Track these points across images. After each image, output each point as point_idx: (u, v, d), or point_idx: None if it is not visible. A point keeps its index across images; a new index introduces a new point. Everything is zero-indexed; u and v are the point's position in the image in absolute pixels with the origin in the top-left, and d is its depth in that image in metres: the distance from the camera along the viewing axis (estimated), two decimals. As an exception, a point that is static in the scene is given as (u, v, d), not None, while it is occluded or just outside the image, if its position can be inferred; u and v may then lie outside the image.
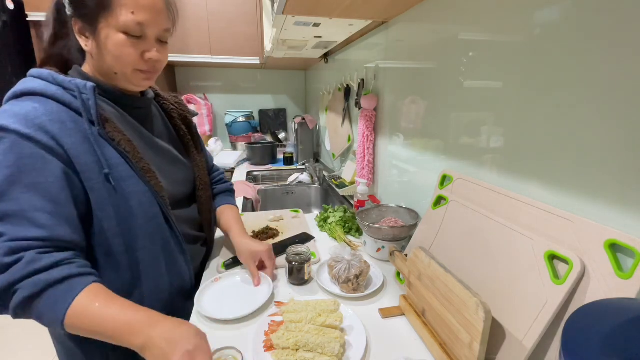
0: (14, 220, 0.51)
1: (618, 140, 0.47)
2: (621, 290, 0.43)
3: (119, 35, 0.59)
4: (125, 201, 0.61)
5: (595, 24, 0.49)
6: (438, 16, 0.89)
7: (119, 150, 0.61)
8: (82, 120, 0.58)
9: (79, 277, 0.53)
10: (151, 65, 0.64)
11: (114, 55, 0.60)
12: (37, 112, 0.55)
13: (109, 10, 0.57)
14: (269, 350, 0.60)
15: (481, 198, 0.71)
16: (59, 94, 0.58)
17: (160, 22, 0.62)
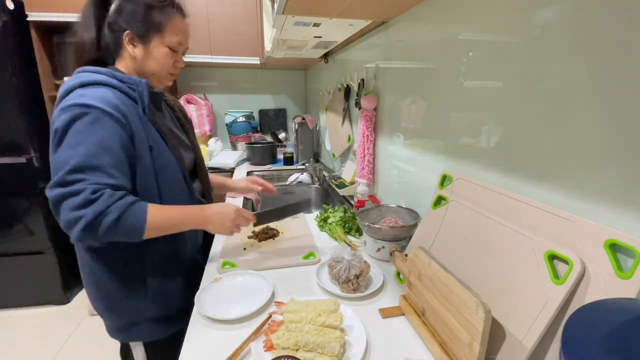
0: (95, 171, 0.69)
1: (618, 140, 0.47)
2: (621, 290, 0.43)
3: (165, 49, 0.83)
4: (160, 167, 0.81)
5: (595, 24, 0.49)
6: (438, 16, 0.89)
7: (160, 131, 0.82)
8: (137, 106, 0.78)
9: (141, 201, 0.75)
10: (177, 70, 0.89)
11: (158, 62, 0.83)
12: (111, 97, 0.73)
13: (162, 32, 0.81)
14: (269, 350, 0.60)
15: (481, 198, 0.71)
16: (120, 85, 0.77)
17: (187, 43, 0.89)
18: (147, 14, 0.79)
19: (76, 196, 0.66)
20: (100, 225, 0.67)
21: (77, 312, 2.06)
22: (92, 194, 0.67)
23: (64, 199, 0.67)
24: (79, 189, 0.67)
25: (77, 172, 0.68)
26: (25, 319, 2.01)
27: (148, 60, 0.83)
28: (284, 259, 0.96)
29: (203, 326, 0.69)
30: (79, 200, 0.66)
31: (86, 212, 0.66)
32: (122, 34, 0.79)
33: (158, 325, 0.88)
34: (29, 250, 1.99)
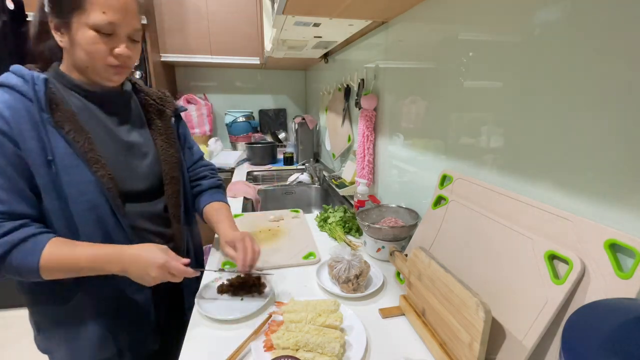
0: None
1: (618, 140, 0.47)
2: (621, 290, 0.43)
3: (90, 32, 0.63)
4: (67, 187, 0.64)
5: (595, 24, 0.49)
6: (438, 16, 0.89)
7: (67, 138, 0.64)
8: (32, 108, 0.62)
9: (40, 235, 0.62)
10: (122, 60, 0.68)
11: (85, 50, 0.65)
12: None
13: (82, 9, 0.62)
14: (269, 350, 0.60)
15: (481, 198, 0.71)
16: (19, 84, 0.63)
17: (131, 22, 0.67)
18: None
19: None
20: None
21: (77, 312, 2.06)
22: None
23: None
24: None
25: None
26: (25, 319, 2.00)
27: (75, 49, 0.65)
28: (284, 259, 0.96)
29: (203, 326, 0.69)
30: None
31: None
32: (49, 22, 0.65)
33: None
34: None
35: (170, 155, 0.83)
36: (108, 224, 0.69)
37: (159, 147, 0.82)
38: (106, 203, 0.68)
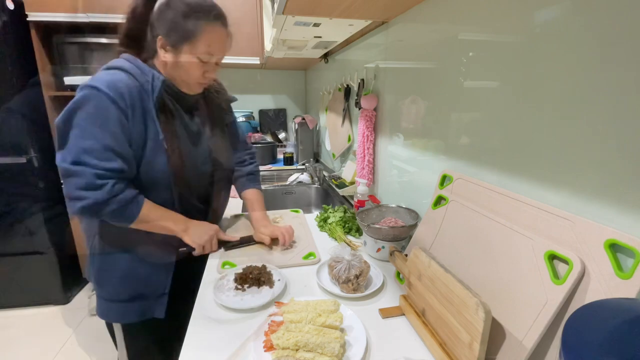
0: (98, 154, 0.73)
1: (618, 140, 0.47)
2: (621, 290, 0.43)
3: (194, 59, 0.81)
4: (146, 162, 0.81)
5: (595, 24, 0.49)
6: (438, 16, 0.89)
7: (159, 128, 0.81)
8: (146, 97, 0.79)
9: (139, 196, 0.81)
10: (207, 80, 0.87)
11: (186, 70, 0.83)
12: (121, 82, 0.76)
13: (193, 41, 0.79)
14: (269, 350, 0.60)
15: (481, 198, 0.71)
16: (138, 73, 0.79)
17: (222, 53, 0.86)
18: (180, 22, 0.78)
19: (81, 177, 0.72)
20: (99, 212, 0.75)
21: (77, 312, 2.06)
22: (97, 180, 0.73)
23: (71, 175, 0.73)
24: (84, 171, 0.72)
25: (85, 153, 0.73)
26: (25, 319, 2.01)
27: (177, 67, 0.83)
28: (284, 259, 0.96)
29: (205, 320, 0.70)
30: (81, 182, 0.72)
31: (88, 195, 0.72)
32: (157, 37, 0.80)
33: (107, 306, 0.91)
34: (29, 250, 1.99)
35: (221, 145, 1.01)
36: (165, 195, 0.86)
37: (214, 137, 0.99)
38: (168, 181, 0.85)
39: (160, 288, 0.92)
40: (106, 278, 0.89)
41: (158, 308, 0.92)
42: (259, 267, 0.87)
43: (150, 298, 0.92)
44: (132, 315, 0.91)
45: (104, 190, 0.73)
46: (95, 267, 0.89)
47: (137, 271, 0.89)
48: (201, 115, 0.97)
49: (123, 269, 0.88)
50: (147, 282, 0.91)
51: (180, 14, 0.77)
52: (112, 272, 0.88)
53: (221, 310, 0.74)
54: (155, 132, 0.81)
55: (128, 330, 0.94)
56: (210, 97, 0.99)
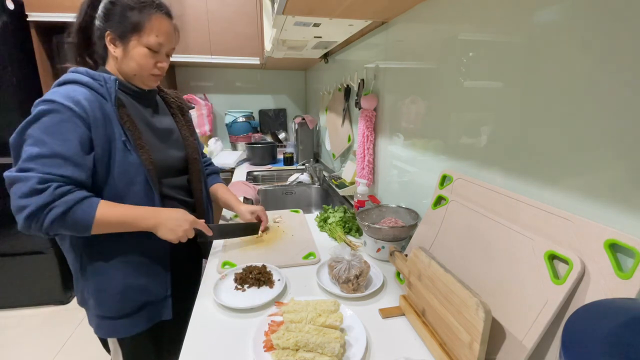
0: (45, 160, 0.70)
1: (618, 140, 0.47)
2: (621, 290, 0.43)
3: (143, 49, 0.83)
4: (118, 165, 0.79)
5: (595, 24, 0.49)
6: (438, 16, 0.89)
7: (124, 128, 0.80)
8: (104, 102, 0.79)
9: (93, 197, 0.75)
10: (161, 71, 0.88)
11: (137, 62, 0.83)
12: (75, 92, 0.75)
13: (140, 32, 0.81)
14: (269, 350, 0.60)
15: (481, 198, 0.71)
16: (90, 82, 0.78)
17: (171, 43, 0.88)
18: (126, 14, 0.80)
19: (24, 183, 0.68)
20: (45, 217, 0.69)
21: (77, 312, 2.06)
22: (39, 184, 0.68)
23: (13, 183, 0.69)
24: (27, 176, 0.68)
25: (30, 160, 0.69)
26: (25, 319, 2.01)
27: (127, 60, 0.83)
28: (284, 259, 0.96)
29: (205, 320, 0.70)
30: (24, 188, 0.68)
31: (30, 202, 0.68)
32: (105, 34, 0.81)
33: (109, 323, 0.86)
34: (29, 250, 1.99)
35: (191, 142, 1.03)
36: (146, 194, 0.84)
37: (183, 134, 1.02)
38: (145, 180, 0.83)
39: (162, 291, 0.90)
40: (105, 297, 0.84)
41: (165, 311, 0.91)
42: (259, 267, 0.87)
43: (154, 303, 0.89)
44: (141, 325, 0.88)
45: (47, 193, 0.68)
46: (90, 289, 0.84)
47: (136, 281, 0.85)
48: (164, 113, 1.00)
49: (122, 284, 0.84)
50: (148, 290, 0.88)
51: (126, 7, 0.80)
52: (110, 289, 0.83)
53: (221, 310, 0.74)
54: (120, 133, 0.79)
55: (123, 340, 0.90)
56: (169, 99, 1.04)
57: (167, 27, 0.85)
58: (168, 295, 0.91)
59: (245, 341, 0.64)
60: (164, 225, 0.82)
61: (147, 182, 0.84)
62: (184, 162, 1.00)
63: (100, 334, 0.88)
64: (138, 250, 0.84)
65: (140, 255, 0.85)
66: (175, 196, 0.96)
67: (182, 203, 0.98)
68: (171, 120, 1.01)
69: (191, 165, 1.01)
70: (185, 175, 1.01)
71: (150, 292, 0.88)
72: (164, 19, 0.84)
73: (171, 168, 0.95)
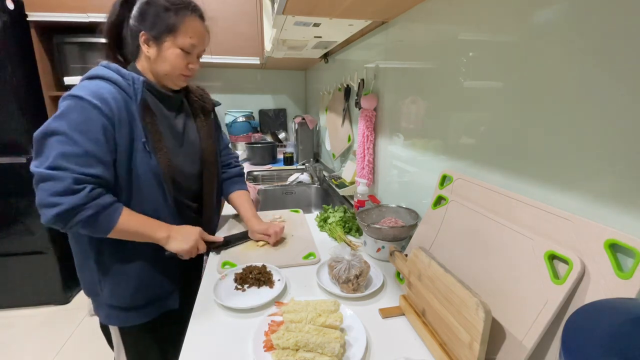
0: (79, 160, 0.72)
1: (618, 140, 0.47)
2: (621, 290, 0.43)
3: (177, 50, 0.84)
4: (137, 166, 0.81)
5: (595, 24, 0.49)
6: (438, 16, 0.89)
7: (145, 130, 0.82)
8: (130, 101, 0.80)
9: (117, 203, 0.78)
10: (192, 72, 0.91)
11: (170, 62, 0.85)
12: (102, 90, 0.77)
13: (175, 33, 0.83)
14: (269, 350, 0.60)
15: (481, 198, 0.71)
16: (120, 80, 0.80)
17: (203, 45, 0.90)
18: (161, 15, 0.82)
19: (58, 182, 0.69)
20: (74, 217, 0.71)
21: (77, 312, 2.06)
22: (75, 184, 0.70)
23: (47, 180, 0.69)
24: (62, 176, 0.69)
25: (64, 158, 0.70)
26: (25, 319, 2.01)
27: (160, 61, 0.85)
28: (284, 259, 0.96)
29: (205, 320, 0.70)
30: (59, 187, 0.69)
31: (63, 201, 0.69)
32: (139, 34, 0.83)
33: (120, 313, 0.89)
34: (29, 250, 1.99)
35: (209, 145, 1.03)
36: (158, 197, 0.87)
37: (202, 138, 1.02)
38: (160, 183, 0.85)
39: (171, 285, 0.94)
40: (121, 290, 0.87)
41: (171, 302, 0.96)
42: (259, 267, 0.87)
43: (163, 296, 0.94)
44: (149, 315, 0.92)
45: (81, 195, 0.70)
46: (108, 280, 0.86)
47: (151, 276, 0.90)
48: (186, 116, 1.00)
49: (138, 278, 0.88)
50: (160, 284, 0.92)
51: (162, 8, 0.82)
52: (128, 282, 0.87)
53: (221, 310, 0.74)
54: (141, 134, 0.81)
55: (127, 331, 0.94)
56: (193, 99, 1.03)
57: (200, 29, 0.87)
58: (176, 288, 0.96)
59: (245, 341, 0.64)
60: (175, 238, 0.85)
61: (162, 185, 0.85)
62: (199, 167, 1.01)
63: (109, 322, 0.92)
64: (155, 247, 0.86)
65: (156, 252, 0.87)
66: (186, 201, 0.98)
67: (191, 208, 1.01)
68: (192, 122, 1.01)
69: (206, 170, 1.02)
70: (200, 180, 1.02)
71: (161, 286, 0.92)
72: (198, 21, 0.86)
73: (187, 173, 0.96)
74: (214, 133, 1.09)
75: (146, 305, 0.91)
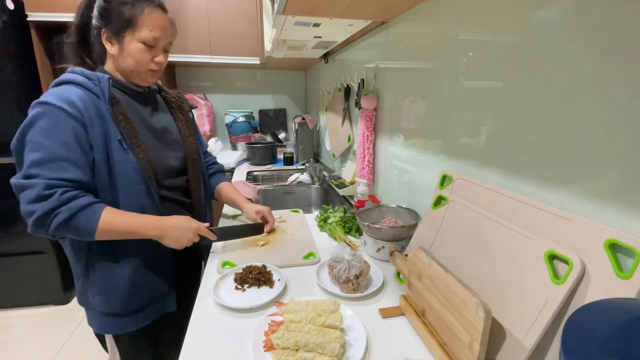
0: (49, 165, 0.71)
1: (618, 140, 0.47)
2: (621, 290, 0.43)
3: (138, 45, 0.82)
4: (116, 165, 0.79)
5: (595, 25, 0.49)
6: (438, 16, 0.89)
7: (119, 127, 0.80)
8: (99, 101, 0.78)
9: (97, 203, 0.76)
10: (159, 66, 0.87)
11: (133, 58, 0.82)
12: (68, 93, 0.75)
13: (134, 27, 0.80)
14: (269, 350, 0.60)
15: (481, 198, 0.71)
16: (84, 81, 0.78)
17: (167, 38, 0.87)
18: (119, 10, 0.80)
19: (31, 190, 0.70)
20: (51, 223, 0.70)
21: (77, 312, 2.06)
22: (45, 190, 0.70)
23: (21, 190, 0.71)
24: (33, 183, 0.70)
25: (35, 166, 0.71)
26: (25, 319, 2.01)
27: (124, 57, 0.83)
28: (284, 259, 0.96)
29: (205, 320, 0.70)
30: (31, 194, 0.69)
31: (36, 207, 0.69)
32: (101, 32, 0.81)
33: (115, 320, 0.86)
34: (29, 250, 1.99)
35: (191, 142, 1.02)
36: (143, 194, 0.84)
37: (182, 134, 1.00)
38: (143, 179, 0.83)
39: (167, 286, 0.92)
40: (112, 296, 0.84)
41: (169, 304, 0.93)
42: (259, 267, 0.87)
43: (159, 298, 0.91)
44: (146, 319, 0.90)
45: (52, 200, 0.69)
46: (97, 287, 0.83)
47: (143, 278, 0.86)
48: (164, 113, 0.99)
49: (129, 281, 0.84)
50: (154, 286, 0.89)
51: (119, 4, 0.80)
52: (118, 287, 0.84)
53: (221, 310, 0.74)
54: (115, 132, 0.79)
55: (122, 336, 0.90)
56: (169, 98, 1.02)
57: (161, 20, 0.84)
58: (172, 289, 0.93)
59: (245, 341, 0.64)
60: (168, 235, 0.83)
61: (145, 182, 0.83)
62: (183, 163, 0.98)
63: (105, 331, 0.89)
64: (144, 248, 0.84)
65: (146, 253, 0.85)
66: (174, 197, 0.95)
67: (180, 204, 0.97)
68: (171, 120, 1.00)
69: (190, 165, 1.00)
70: (184, 176, 0.99)
71: (156, 288, 0.89)
72: (157, 12, 0.83)
73: (170, 168, 0.94)
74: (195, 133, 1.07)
75: (142, 309, 0.88)
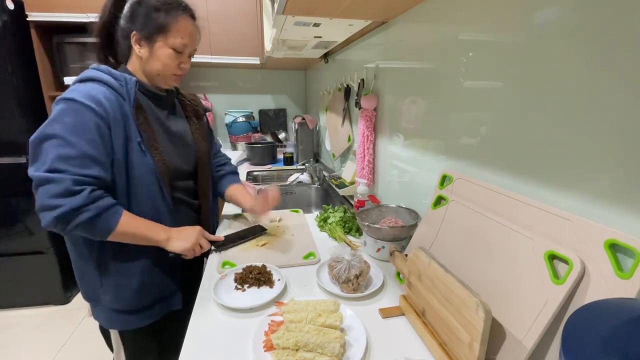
0: (77, 161, 0.72)
1: (618, 140, 0.47)
2: (621, 290, 0.43)
3: (169, 50, 0.85)
4: (133, 166, 0.81)
5: (595, 25, 0.49)
6: (438, 16, 0.89)
7: (139, 130, 0.82)
8: (124, 102, 0.80)
9: (117, 206, 0.78)
10: (183, 71, 0.91)
11: (162, 62, 0.86)
12: (95, 91, 0.77)
13: (167, 33, 0.84)
14: (269, 350, 0.60)
15: (481, 198, 0.71)
16: (111, 81, 0.80)
17: (194, 45, 0.91)
18: (152, 15, 0.82)
19: (57, 184, 0.69)
20: (75, 219, 0.71)
21: (77, 312, 2.06)
22: (75, 186, 0.70)
23: (46, 183, 0.69)
24: (62, 178, 0.69)
25: (62, 160, 0.71)
26: (25, 319, 2.01)
27: (152, 61, 0.85)
28: (284, 259, 0.96)
29: (205, 320, 0.70)
30: (58, 189, 0.69)
31: (63, 202, 0.69)
32: (130, 34, 0.83)
33: (123, 316, 0.89)
34: (29, 250, 1.99)
35: (203, 146, 1.05)
36: (157, 195, 0.87)
37: (195, 139, 1.03)
38: (157, 181, 0.86)
39: (174, 285, 0.95)
40: (124, 293, 0.86)
41: (175, 303, 0.96)
42: (259, 267, 0.87)
43: (166, 297, 0.94)
44: (153, 317, 0.92)
45: (82, 196, 0.71)
46: (109, 284, 0.85)
47: (153, 278, 0.89)
48: (180, 117, 1.02)
49: (140, 280, 0.86)
50: (162, 285, 0.92)
51: (152, 8, 0.82)
52: (130, 285, 0.86)
53: (221, 310, 0.74)
54: (136, 134, 0.81)
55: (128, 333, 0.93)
56: (186, 102, 1.05)
57: (191, 28, 0.88)
58: (179, 288, 0.96)
59: (245, 341, 0.64)
60: (176, 238, 0.86)
61: (159, 183, 0.85)
62: (193, 166, 1.02)
63: (112, 327, 0.91)
64: (154, 247, 0.86)
65: (157, 252, 0.87)
66: (184, 198, 0.98)
67: (188, 205, 1.01)
68: (185, 123, 1.02)
69: (201, 169, 1.03)
70: (194, 179, 1.03)
71: (165, 286, 0.92)
72: (189, 20, 0.87)
73: (181, 171, 0.96)
74: (207, 137, 1.10)
75: (150, 307, 0.91)
